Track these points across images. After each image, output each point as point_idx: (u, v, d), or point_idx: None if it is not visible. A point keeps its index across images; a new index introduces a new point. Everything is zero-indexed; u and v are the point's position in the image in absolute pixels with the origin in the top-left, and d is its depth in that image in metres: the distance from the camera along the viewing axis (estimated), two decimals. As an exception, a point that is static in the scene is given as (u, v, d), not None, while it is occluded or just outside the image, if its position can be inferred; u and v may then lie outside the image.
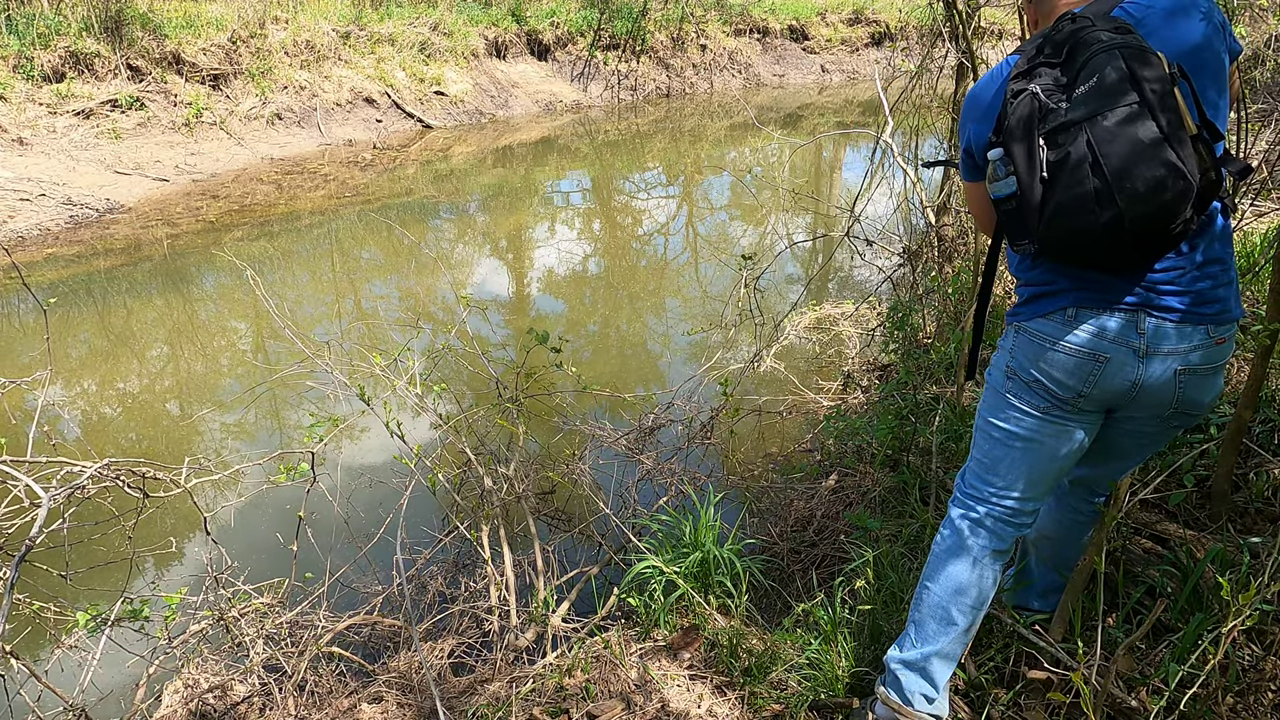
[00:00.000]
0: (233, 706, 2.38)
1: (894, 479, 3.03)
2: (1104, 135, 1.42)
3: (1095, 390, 1.66)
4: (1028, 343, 1.70)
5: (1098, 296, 1.61)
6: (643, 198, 9.68)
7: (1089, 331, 1.62)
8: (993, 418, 1.80)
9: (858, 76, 16.76)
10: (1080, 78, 1.46)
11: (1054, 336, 1.66)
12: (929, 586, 1.87)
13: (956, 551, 1.84)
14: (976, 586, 1.83)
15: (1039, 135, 1.48)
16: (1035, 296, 1.69)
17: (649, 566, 2.56)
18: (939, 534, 1.90)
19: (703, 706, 2.16)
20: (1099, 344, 1.62)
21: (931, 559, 1.89)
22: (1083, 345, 1.63)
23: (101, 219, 7.75)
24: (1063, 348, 1.65)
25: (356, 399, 2.96)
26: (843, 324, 4.92)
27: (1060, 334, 1.65)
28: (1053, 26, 1.57)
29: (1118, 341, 1.60)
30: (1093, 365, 1.63)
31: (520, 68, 14.01)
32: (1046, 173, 1.48)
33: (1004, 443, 1.78)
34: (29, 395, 4.41)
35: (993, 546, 1.82)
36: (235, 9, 11.19)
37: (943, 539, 1.88)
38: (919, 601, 1.88)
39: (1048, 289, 1.67)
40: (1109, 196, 1.43)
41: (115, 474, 2.26)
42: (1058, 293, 1.65)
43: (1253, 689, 1.83)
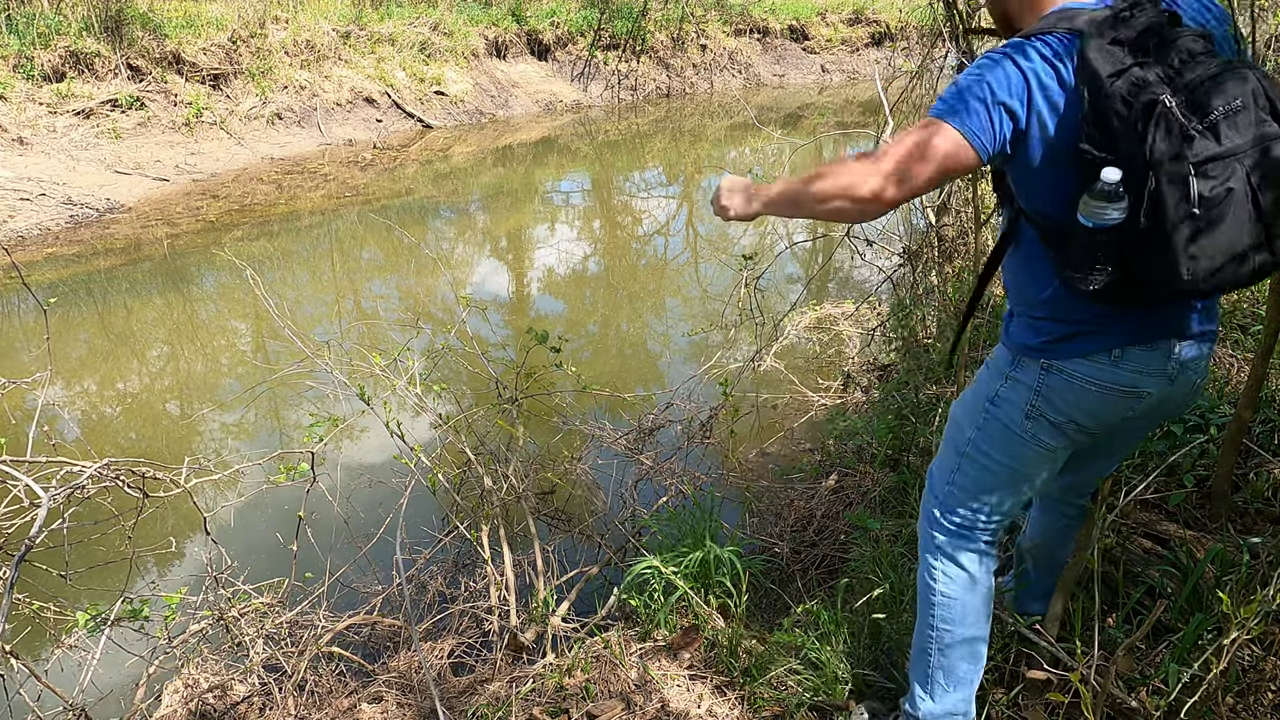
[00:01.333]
0: (233, 706, 2.38)
1: (894, 479, 3.03)
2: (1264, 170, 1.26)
3: (1123, 421, 1.58)
4: (1064, 384, 1.55)
5: (1143, 333, 1.50)
6: (643, 198, 9.68)
7: (1133, 370, 1.51)
8: (995, 452, 1.66)
9: (858, 76, 16.76)
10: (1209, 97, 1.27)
11: (1097, 379, 1.52)
12: (950, 629, 1.75)
13: (969, 587, 1.74)
14: (989, 604, 1.78)
15: (1189, 163, 1.25)
16: (1074, 335, 1.53)
17: (648, 567, 2.56)
18: (937, 576, 1.76)
19: (703, 706, 2.16)
20: (1142, 380, 1.52)
21: (940, 604, 1.75)
22: (1127, 385, 1.53)
23: (101, 219, 7.75)
24: (1106, 389, 1.53)
25: (356, 399, 2.96)
26: (843, 324, 4.92)
27: (1104, 376, 1.52)
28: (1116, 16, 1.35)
29: (1157, 374, 1.52)
30: (1132, 402, 1.55)
31: (520, 68, 14.01)
32: (1199, 208, 1.26)
33: (1003, 475, 1.67)
34: (29, 395, 4.41)
35: (993, 564, 1.77)
36: (235, 9, 11.20)
37: (948, 581, 1.74)
38: (942, 647, 1.77)
39: (1092, 328, 1.51)
40: (1264, 240, 1.29)
41: (115, 474, 2.26)
42: (1104, 332, 1.50)
43: (1253, 689, 1.83)
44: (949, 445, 1.77)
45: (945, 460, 1.77)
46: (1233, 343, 3.24)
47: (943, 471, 1.77)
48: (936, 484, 1.79)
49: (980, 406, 1.68)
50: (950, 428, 1.78)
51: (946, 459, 1.77)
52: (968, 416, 1.72)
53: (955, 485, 1.73)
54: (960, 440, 1.72)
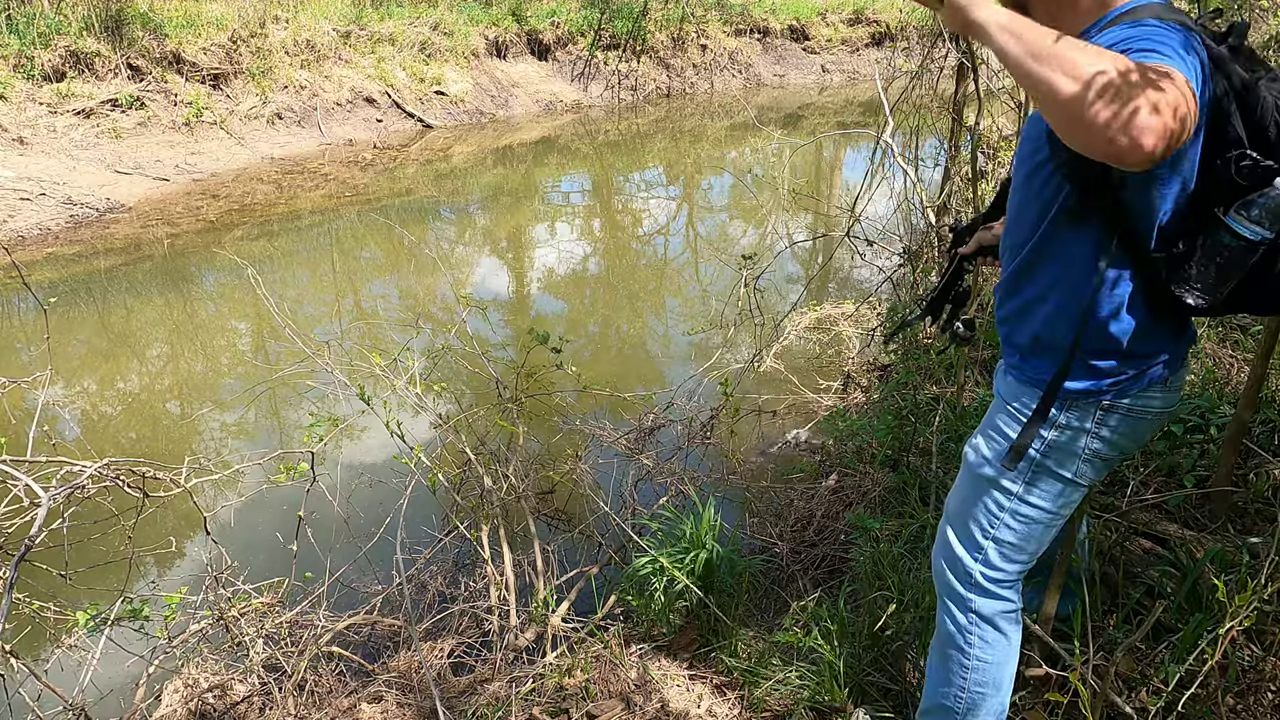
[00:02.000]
0: (233, 706, 2.38)
1: (894, 479, 3.03)
2: None
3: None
4: (1121, 420, 1.47)
5: (1184, 356, 1.51)
6: (643, 198, 9.68)
7: (1175, 390, 1.52)
8: (1045, 502, 1.55)
9: (858, 76, 16.76)
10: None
11: (1153, 408, 1.48)
12: (983, 693, 1.67)
13: (1007, 650, 1.66)
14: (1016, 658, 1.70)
15: None
16: (1142, 371, 1.45)
17: (651, 561, 2.56)
18: (973, 641, 1.64)
19: (702, 706, 2.16)
20: (1176, 399, 1.53)
21: (976, 668, 1.66)
22: (1171, 407, 1.52)
23: (102, 218, 7.75)
24: (1157, 415, 1.50)
25: (356, 399, 2.96)
26: (842, 324, 4.92)
27: (1157, 404, 1.49)
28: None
29: (1178, 391, 1.54)
30: (1167, 419, 1.56)
31: (520, 68, 14.01)
32: None
33: (1052, 522, 1.58)
34: (29, 395, 4.41)
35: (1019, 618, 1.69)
36: (236, 8, 11.19)
37: (986, 646, 1.64)
38: (971, 709, 1.69)
39: (1153, 361, 1.45)
40: None
41: (115, 474, 2.26)
42: (1166, 362, 1.46)
43: (1253, 689, 1.83)
44: (980, 501, 1.60)
45: (974, 520, 1.61)
46: (1233, 343, 3.24)
47: (974, 529, 1.61)
48: (965, 546, 1.63)
49: (1028, 461, 1.53)
50: (974, 482, 1.62)
51: (979, 515, 1.61)
52: (1009, 472, 1.56)
53: (997, 542, 1.59)
54: (999, 495, 1.57)
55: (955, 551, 1.65)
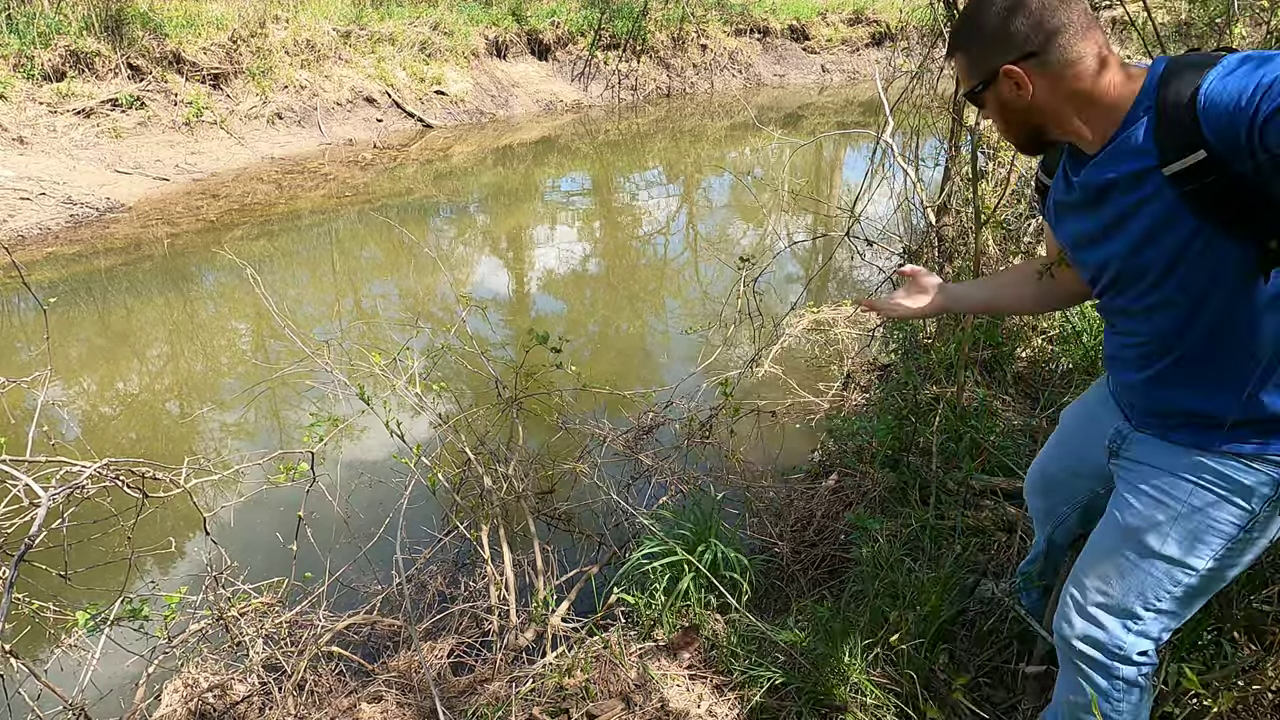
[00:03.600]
0: (232, 706, 2.38)
1: (894, 479, 3.03)
2: None
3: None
4: None
5: None
6: (643, 198, 9.68)
7: None
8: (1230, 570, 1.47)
9: (858, 76, 16.76)
10: None
11: None
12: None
13: (1144, 705, 1.58)
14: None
15: None
16: None
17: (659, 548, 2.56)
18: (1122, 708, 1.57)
19: (702, 706, 2.16)
20: None
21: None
22: None
23: (102, 218, 7.75)
24: None
25: (356, 398, 2.96)
26: (842, 325, 4.92)
27: None
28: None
29: None
30: None
31: (521, 67, 14.01)
32: None
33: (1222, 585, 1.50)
34: (29, 395, 4.41)
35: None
36: (236, 8, 11.20)
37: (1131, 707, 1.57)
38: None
39: None
40: None
41: (115, 474, 2.25)
42: None
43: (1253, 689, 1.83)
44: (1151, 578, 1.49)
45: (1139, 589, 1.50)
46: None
47: (1134, 602, 1.50)
48: (1118, 616, 1.52)
49: (1226, 538, 1.42)
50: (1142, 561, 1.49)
51: (1146, 590, 1.49)
52: (1196, 550, 1.45)
53: (1165, 614, 1.50)
54: (1179, 574, 1.47)
55: (1104, 617, 1.54)
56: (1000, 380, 3.61)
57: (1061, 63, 1.33)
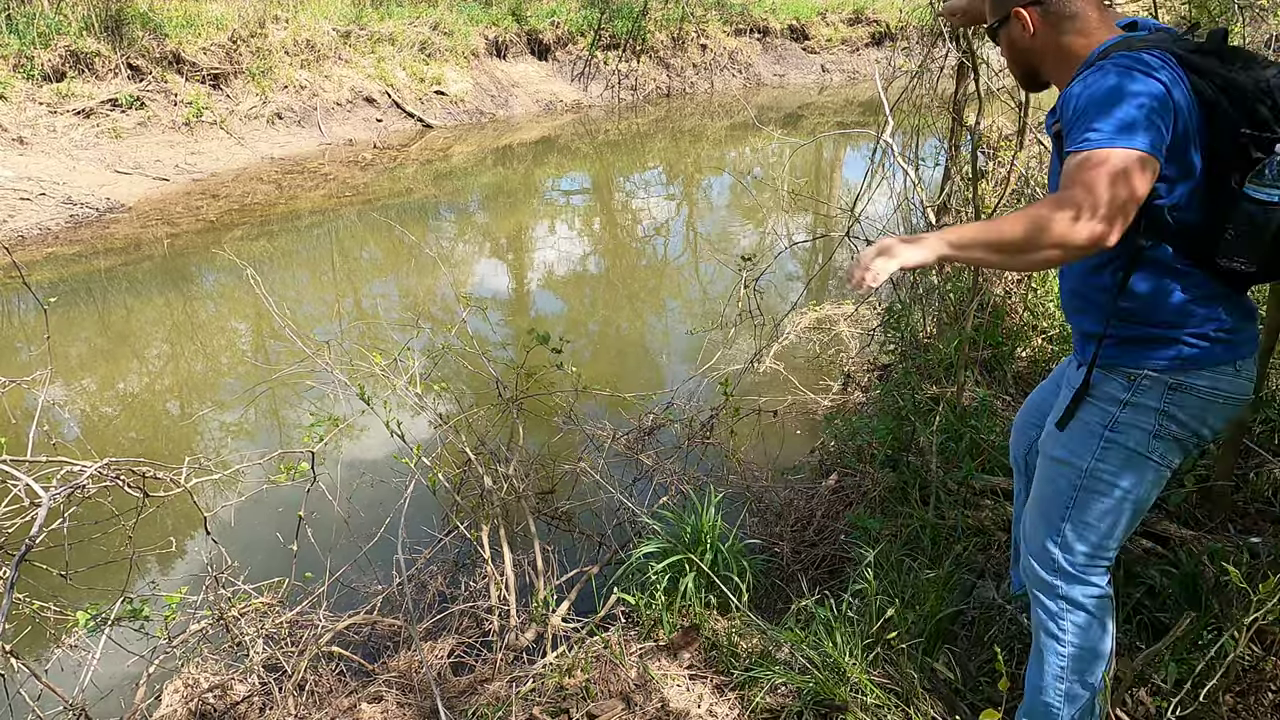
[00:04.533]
0: (233, 706, 2.38)
1: (894, 479, 3.03)
2: None
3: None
4: (1193, 400, 1.56)
5: (1251, 344, 1.60)
6: (643, 198, 9.68)
7: (1247, 378, 1.60)
8: (1119, 479, 1.62)
9: (858, 76, 16.75)
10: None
11: (1226, 391, 1.57)
12: (1080, 679, 1.70)
13: (1101, 633, 1.70)
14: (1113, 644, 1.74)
15: None
16: (1202, 344, 1.55)
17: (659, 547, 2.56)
18: (1066, 627, 1.69)
19: (703, 706, 2.17)
20: (1249, 388, 1.61)
21: (1072, 655, 1.70)
22: (1244, 395, 1.60)
23: (101, 218, 7.75)
24: (1230, 400, 1.58)
25: (356, 398, 2.96)
26: (842, 324, 4.92)
27: (1230, 387, 1.57)
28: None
29: (1251, 381, 1.62)
30: (1241, 409, 1.62)
31: (520, 67, 14.01)
32: None
33: (1126, 501, 1.64)
34: (29, 395, 4.41)
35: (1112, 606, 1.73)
36: (235, 8, 11.19)
37: (1079, 630, 1.69)
38: (1071, 697, 1.71)
39: (1223, 336, 1.55)
40: None
41: (115, 473, 2.26)
42: (1236, 342, 1.56)
43: (1253, 689, 1.83)
44: (1055, 486, 1.70)
45: (1053, 501, 1.70)
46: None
47: (1053, 513, 1.70)
48: (1046, 532, 1.71)
49: (1095, 435, 1.63)
50: (1051, 471, 1.72)
51: (1055, 498, 1.70)
52: (1079, 449, 1.66)
53: (1074, 520, 1.67)
54: (1072, 474, 1.66)
55: (1037, 543, 1.73)
56: (1000, 380, 3.61)
57: (1058, 14, 1.58)
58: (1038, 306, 3.93)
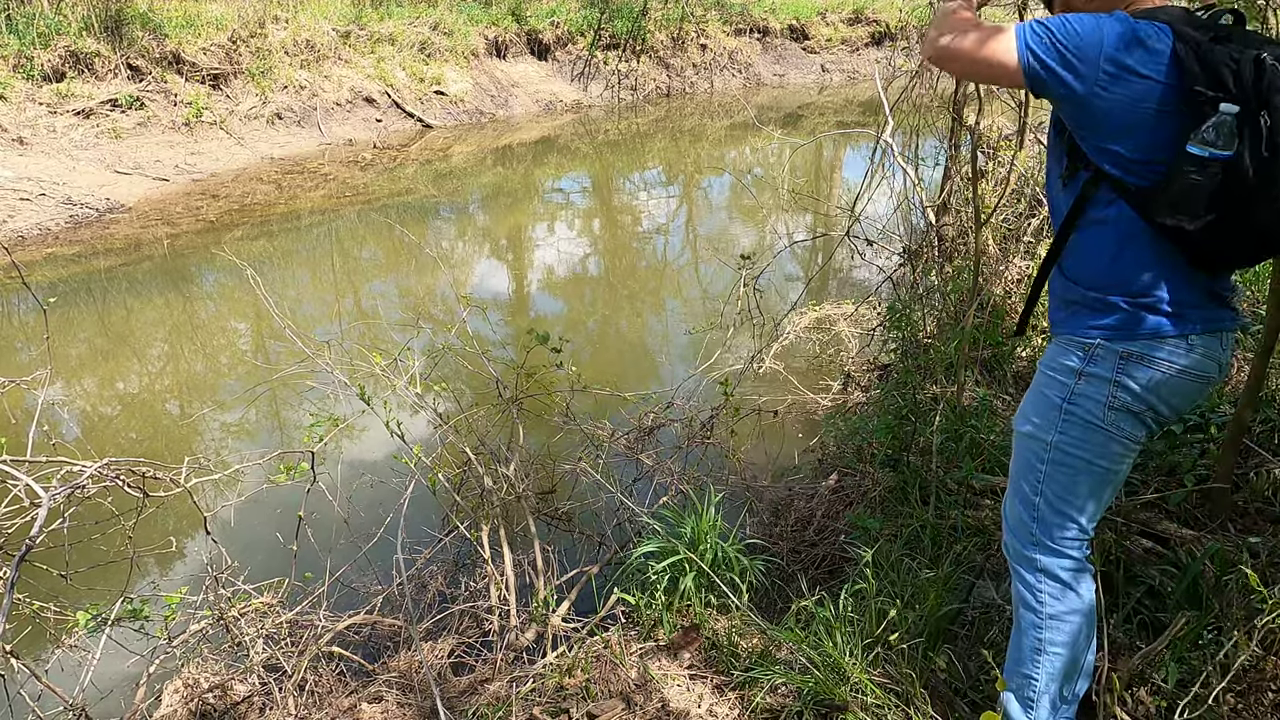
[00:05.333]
0: (233, 706, 2.38)
1: (894, 479, 3.03)
2: None
3: (1190, 408, 1.65)
4: (1144, 372, 1.59)
5: (1208, 321, 1.59)
6: (643, 198, 9.68)
7: (1203, 355, 1.59)
8: (1080, 451, 1.65)
9: (858, 76, 16.75)
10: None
11: (1177, 363, 1.58)
12: (1059, 653, 1.71)
13: (1077, 605, 1.72)
14: (1094, 620, 1.75)
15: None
16: (1151, 315, 1.57)
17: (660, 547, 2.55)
18: (1044, 600, 1.72)
19: (703, 706, 2.17)
20: (1208, 366, 1.60)
21: (1050, 627, 1.71)
22: (1200, 371, 1.60)
23: (101, 218, 7.75)
24: (1184, 374, 1.59)
25: (356, 399, 2.96)
26: (842, 324, 4.92)
27: (1182, 360, 1.58)
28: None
29: (1216, 360, 1.62)
30: (1202, 387, 1.62)
31: (520, 67, 14.01)
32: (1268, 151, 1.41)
33: (1092, 473, 1.66)
34: (29, 395, 4.41)
35: (1091, 579, 1.74)
36: (235, 8, 11.19)
37: (1056, 602, 1.71)
38: (1051, 671, 1.72)
39: (1172, 309, 1.57)
40: None
41: (115, 474, 2.26)
42: (1181, 318, 1.57)
43: (1253, 689, 1.83)
44: (1025, 460, 1.74)
45: (1025, 475, 1.74)
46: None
47: (1026, 487, 1.74)
48: (1021, 506, 1.75)
49: (1056, 409, 1.67)
50: (1021, 446, 1.76)
51: (1026, 475, 1.74)
52: (1042, 424, 1.70)
53: (1045, 496, 1.71)
54: (1039, 449, 1.70)
55: (1015, 520, 1.77)
56: (1000, 380, 3.61)
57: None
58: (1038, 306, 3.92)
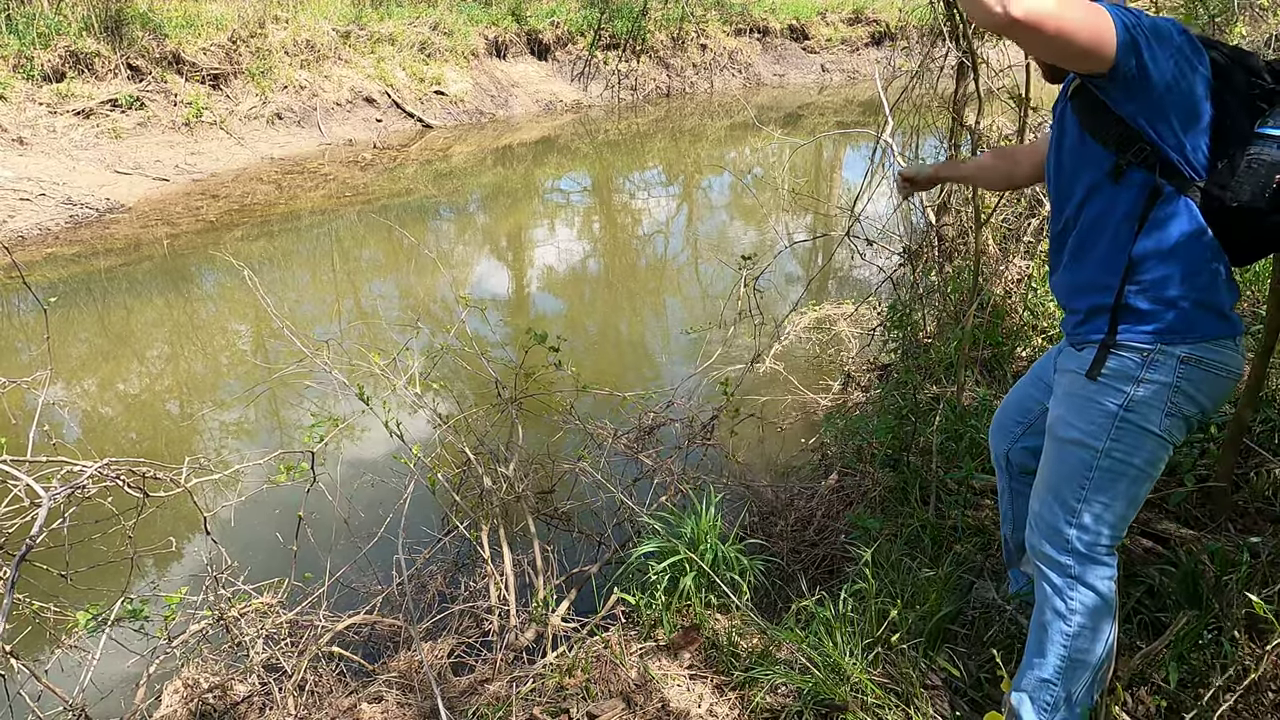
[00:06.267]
0: (233, 706, 2.38)
1: (894, 478, 3.03)
2: None
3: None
4: (1202, 375, 1.60)
5: (1241, 322, 1.64)
6: (642, 197, 9.68)
7: (1242, 355, 1.64)
8: (1134, 458, 1.64)
9: (858, 76, 16.75)
10: None
11: (1228, 365, 1.61)
12: (1084, 657, 1.71)
13: (1106, 610, 1.71)
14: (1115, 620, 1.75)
15: None
16: (1210, 317, 1.59)
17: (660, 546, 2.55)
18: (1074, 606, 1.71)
19: (703, 706, 2.17)
20: (1242, 368, 1.64)
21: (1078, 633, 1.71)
22: (1239, 370, 1.63)
23: (101, 218, 7.75)
24: (1231, 375, 1.61)
25: (356, 398, 2.96)
26: (842, 324, 4.92)
27: (1232, 362, 1.61)
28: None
29: (1243, 357, 1.66)
30: (1234, 386, 1.66)
31: (520, 67, 14.01)
32: None
33: (1140, 480, 1.66)
34: (29, 395, 4.41)
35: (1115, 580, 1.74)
36: (235, 8, 11.19)
37: (1086, 609, 1.70)
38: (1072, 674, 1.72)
39: (1224, 311, 1.60)
40: None
41: (115, 474, 2.25)
42: (1231, 318, 1.61)
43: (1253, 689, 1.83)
44: (1069, 468, 1.70)
45: (1066, 485, 1.71)
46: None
47: (1068, 494, 1.70)
48: (1061, 512, 1.71)
49: (1110, 416, 1.64)
50: (1063, 453, 1.72)
51: (1069, 480, 1.70)
52: (1093, 430, 1.66)
53: (1090, 501, 1.68)
54: (1088, 457, 1.67)
55: (1050, 520, 1.74)
56: (1000, 380, 3.61)
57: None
58: (1038, 306, 3.93)
